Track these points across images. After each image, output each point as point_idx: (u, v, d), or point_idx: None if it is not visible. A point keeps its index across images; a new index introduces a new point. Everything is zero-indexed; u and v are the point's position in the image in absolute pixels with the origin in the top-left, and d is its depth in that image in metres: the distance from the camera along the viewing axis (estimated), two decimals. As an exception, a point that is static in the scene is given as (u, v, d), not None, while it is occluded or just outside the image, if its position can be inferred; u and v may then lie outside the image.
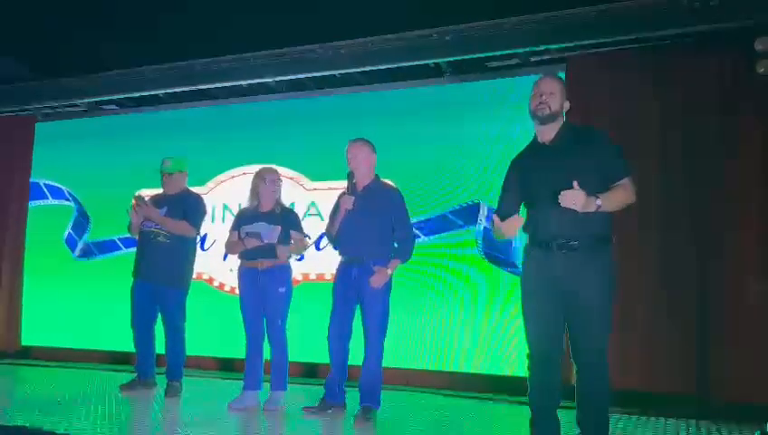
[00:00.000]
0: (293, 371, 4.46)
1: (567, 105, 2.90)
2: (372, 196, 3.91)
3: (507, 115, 5.12)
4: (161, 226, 4.50)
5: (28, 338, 6.71)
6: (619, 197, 2.75)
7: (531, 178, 2.88)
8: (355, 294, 3.85)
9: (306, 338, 4.90)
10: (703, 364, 4.38)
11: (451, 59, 5.27)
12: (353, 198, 3.85)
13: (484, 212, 5.21)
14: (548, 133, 2.88)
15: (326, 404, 3.88)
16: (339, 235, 3.96)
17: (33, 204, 6.93)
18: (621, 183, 2.77)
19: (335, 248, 4.08)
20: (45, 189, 6.93)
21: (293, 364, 4.34)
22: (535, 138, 2.95)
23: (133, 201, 4.63)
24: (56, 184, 6.88)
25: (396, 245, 3.91)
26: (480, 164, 5.20)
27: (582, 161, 2.76)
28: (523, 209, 2.97)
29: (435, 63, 5.40)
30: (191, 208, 4.57)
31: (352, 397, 3.90)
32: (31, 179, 6.94)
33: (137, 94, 6.37)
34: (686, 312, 4.46)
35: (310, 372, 5.43)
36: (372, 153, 3.98)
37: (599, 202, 2.67)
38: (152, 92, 6.31)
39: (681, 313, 4.47)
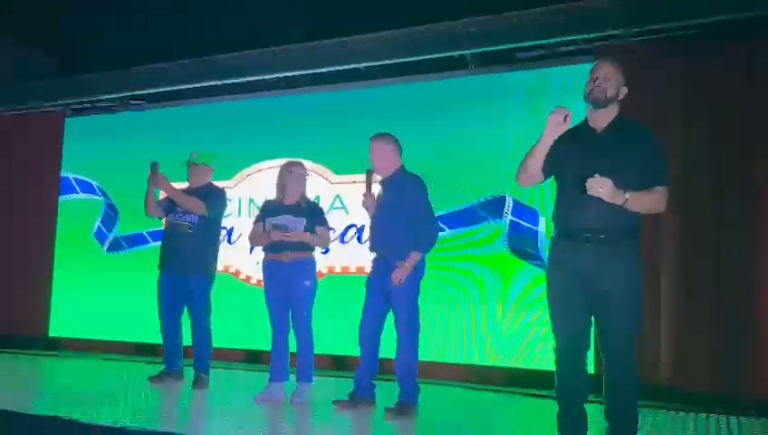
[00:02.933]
0: (320, 363, 4.48)
1: (624, 91, 2.81)
2: (393, 189, 3.88)
3: (533, 107, 5.06)
4: (172, 198, 4.53)
5: (59, 329, 6.83)
6: (651, 200, 2.70)
7: (570, 162, 2.78)
8: (382, 288, 3.83)
9: (332, 331, 4.93)
10: (733, 360, 4.31)
11: (476, 50, 5.23)
12: (372, 198, 3.89)
13: (509, 205, 5.17)
14: (600, 120, 2.79)
15: (355, 398, 3.88)
16: (371, 231, 3.98)
17: (63, 198, 7.04)
18: (656, 189, 2.71)
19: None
20: (75, 184, 7.03)
21: (320, 356, 4.36)
22: (585, 122, 2.86)
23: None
24: (85, 178, 6.99)
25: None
26: (506, 156, 5.14)
27: (626, 159, 2.69)
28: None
29: (460, 55, 5.37)
30: (211, 196, 4.61)
31: (383, 391, 3.91)
32: (61, 174, 7.06)
33: (163, 89, 6.44)
34: (717, 308, 4.38)
35: (336, 364, 5.45)
36: (388, 144, 3.92)
37: (627, 196, 2.61)
38: (178, 87, 6.36)
39: (712, 308, 4.40)
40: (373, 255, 3.98)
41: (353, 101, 5.88)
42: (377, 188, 3.99)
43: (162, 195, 4.71)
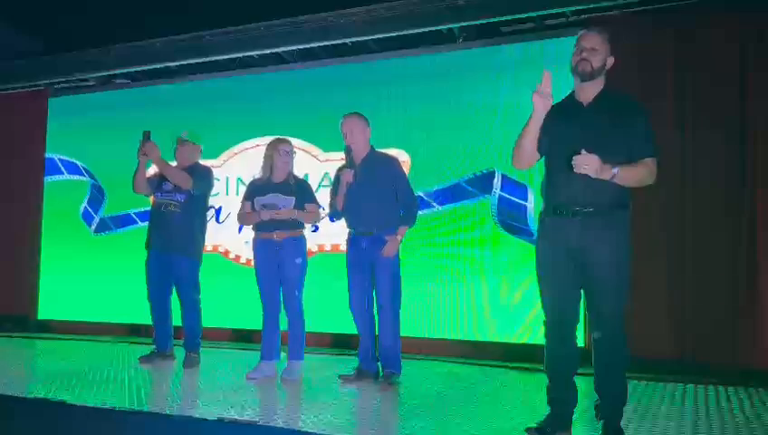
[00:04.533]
0: (312, 341, 4.48)
1: (611, 61, 2.77)
2: (372, 167, 3.98)
3: (522, 81, 5.02)
4: (160, 169, 4.50)
5: (48, 312, 6.80)
6: (639, 173, 2.67)
7: (557, 135, 2.75)
8: (368, 264, 3.94)
9: (323, 308, 4.92)
10: (730, 331, 4.34)
11: (465, 24, 5.18)
12: (353, 171, 3.94)
13: (498, 180, 5.16)
14: (587, 93, 2.76)
15: (361, 372, 4.00)
16: (345, 209, 4.03)
17: (48, 179, 6.97)
18: (645, 161, 2.68)
19: (332, 220, 4.14)
20: (60, 165, 6.96)
21: (312, 334, 4.37)
22: (572, 94, 2.83)
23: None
24: (71, 159, 6.91)
25: (402, 211, 3.99)
26: (495, 132, 5.14)
27: (614, 132, 2.67)
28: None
29: (448, 29, 5.31)
30: (197, 174, 4.56)
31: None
32: (46, 155, 6.97)
33: (148, 67, 6.35)
34: (713, 278, 4.42)
35: (328, 341, 5.46)
36: (367, 126, 4.07)
37: (615, 171, 2.59)
38: (163, 65, 6.28)
39: (708, 278, 4.43)
40: (347, 232, 4.07)
41: (341, 78, 5.82)
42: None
43: (151, 170, 4.66)
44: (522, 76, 5.05)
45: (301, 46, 5.75)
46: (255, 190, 4.22)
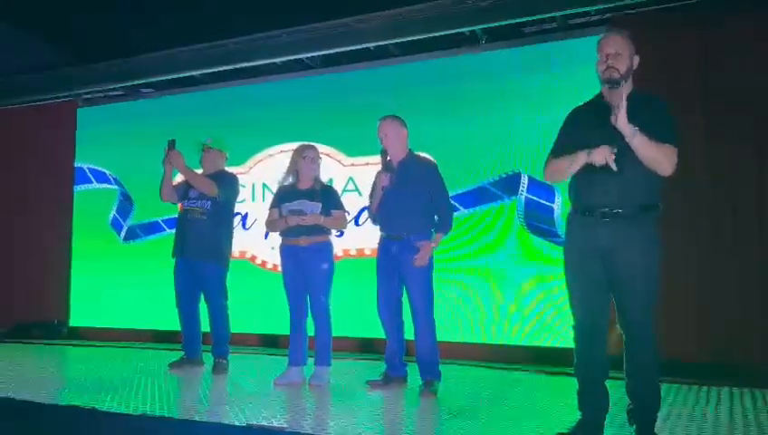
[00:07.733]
0: (341, 345, 4.48)
1: (637, 60, 2.73)
2: (407, 170, 3.90)
3: (546, 81, 5.00)
4: (185, 176, 4.54)
5: (79, 319, 6.90)
6: (657, 150, 2.55)
7: (587, 136, 2.70)
8: (397, 269, 3.86)
9: (350, 313, 4.92)
10: (755, 332, 4.25)
11: (487, 26, 5.15)
12: (389, 174, 3.86)
13: (524, 182, 5.12)
14: (615, 96, 2.68)
15: (388, 377, 3.96)
16: (378, 211, 3.98)
17: (78, 188, 7.08)
18: (665, 146, 2.61)
19: (374, 224, 4.10)
20: (89, 174, 7.06)
21: (340, 339, 4.37)
22: (600, 96, 2.79)
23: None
24: (99, 168, 7.01)
25: (436, 218, 3.90)
26: (519, 133, 5.10)
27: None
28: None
29: (470, 31, 5.29)
30: (223, 181, 4.60)
31: (413, 370, 3.95)
32: (75, 164, 7.08)
33: (172, 76, 6.42)
34: (742, 279, 4.34)
35: (355, 346, 5.45)
36: (403, 128, 3.97)
37: (636, 129, 2.50)
38: (187, 74, 6.34)
39: (736, 280, 4.35)
40: (379, 235, 4.00)
41: (364, 82, 5.83)
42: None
43: (178, 178, 4.70)
44: (545, 77, 5.01)
45: (323, 52, 5.77)
46: (282, 197, 4.24)
